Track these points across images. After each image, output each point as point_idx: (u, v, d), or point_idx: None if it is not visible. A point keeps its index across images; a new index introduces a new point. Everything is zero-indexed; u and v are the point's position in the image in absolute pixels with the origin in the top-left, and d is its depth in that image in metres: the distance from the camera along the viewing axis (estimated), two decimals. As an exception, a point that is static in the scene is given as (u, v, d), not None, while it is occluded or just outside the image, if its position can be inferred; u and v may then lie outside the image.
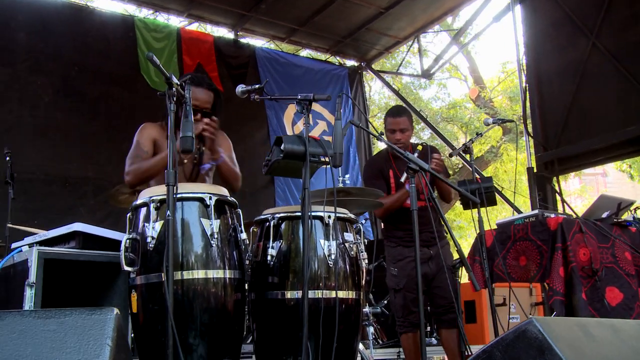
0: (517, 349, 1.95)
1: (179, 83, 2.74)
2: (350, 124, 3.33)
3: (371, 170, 4.47)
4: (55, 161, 7.18)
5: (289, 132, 9.23)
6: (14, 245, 3.40)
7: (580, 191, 19.86)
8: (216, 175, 3.70)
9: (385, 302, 6.31)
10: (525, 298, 6.47)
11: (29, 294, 2.91)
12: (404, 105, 9.56)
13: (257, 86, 3.31)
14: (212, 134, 3.46)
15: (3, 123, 7.03)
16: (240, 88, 3.37)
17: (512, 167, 12.29)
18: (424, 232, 4.20)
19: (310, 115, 3.09)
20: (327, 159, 2.91)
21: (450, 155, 4.30)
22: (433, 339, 6.30)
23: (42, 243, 3.17)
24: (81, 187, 7.33)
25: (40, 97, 7.36)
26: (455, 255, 4.12)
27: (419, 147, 4.08)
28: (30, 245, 3.15)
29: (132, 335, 3.05)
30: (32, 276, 2.93)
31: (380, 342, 5.99)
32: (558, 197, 7.76)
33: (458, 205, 11.20)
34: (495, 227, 4.28)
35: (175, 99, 2.72)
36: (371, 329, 4.45)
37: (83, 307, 3.12)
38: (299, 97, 2.97)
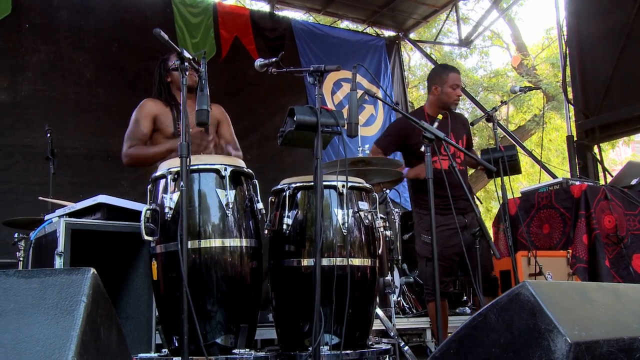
0: (511, 311, 1.97)
1: (191, 57, 2.82)
2: (365, 94, 3.36)
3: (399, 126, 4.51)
4: (97, 136, 7.36)
5: (328, 102, 9.24)
6: (46, 217, 3.57)
7: (632, 159, 19.31)
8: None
9: (418, 271, 6.35)
10: (562, 267, 6.39)
11: (58, 262, 3.05)
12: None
13: (274, 59, 3.39)
14: None
15: (48, 100, 7.24)
16: (258, 62, 3.45)
17: (557, 137, 12.05)
18: (459, 200, 4.16)
19: (349, 84, 3.15)
20: (339, 130, 2.95)
21: (472, 125, 4.26)
22: (467, 307, 6.33)
23: (70, 215, 3.31)
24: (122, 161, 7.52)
25: (82, 74, 7.54)
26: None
27: (439, 117, 4.05)
28: (60, 217, 3.29)
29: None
30: (61, 246, 3.07)
31: (414, 311, 6.05)
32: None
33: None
34: (520, 195, 4.26)
35: (187, 73, 2.80)
36: (394, 297, 4.49)
37: (110, 275, 3.30)
38: (311, 68, 3.02)
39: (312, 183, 3.05)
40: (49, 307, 1.41)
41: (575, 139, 7.61)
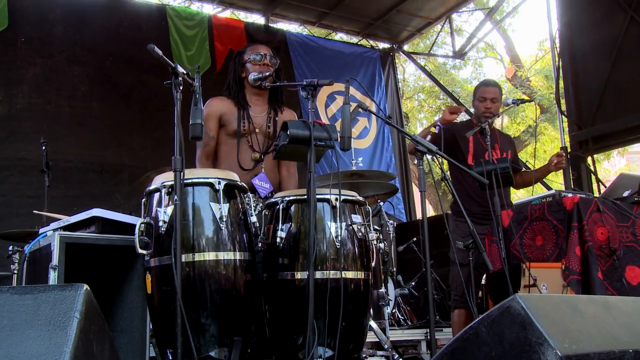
0: (502, 324, 1.99)
1: (185, 72, 2.83)
2: (358, 107, 3.38)
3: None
4: (91, 149, 7.42)
5: (322, 115, 9.28)
6: (40, 230, 3.58)
7: (625, 170, 19.36)
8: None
9: (414, 283, 6.36)
10: (557, 278, 6.39)
11: (53, 276, 3.06)
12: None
13: (267, 74, 3.44)
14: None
15: (43, 113, 7.29)
16: (252, 76, 3.52)
17: (551, 148, 12.10)
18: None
19: (342, 97, 3.17)
20: (332, 143, 2.98)
21: (466, 137, 4.29)
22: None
23: (65, 228, 3.32)
24: (117, 174, 7.56)
25: (77, 87, 7.59)
26: None
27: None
28: (55, 230, 3.30)
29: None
30: (55, 259, 3.08)
31: (409, 322, 6.05)
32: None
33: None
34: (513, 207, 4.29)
35: (181, 87, 2.81)
36: (387, 310, 4.50)
37: (104, 289, 3.30)
38: (304, 82, 3.04)
39: (306, 196, 3.06)
40: (42, 323, 1.42)
41: (569, 150, 7.65)
